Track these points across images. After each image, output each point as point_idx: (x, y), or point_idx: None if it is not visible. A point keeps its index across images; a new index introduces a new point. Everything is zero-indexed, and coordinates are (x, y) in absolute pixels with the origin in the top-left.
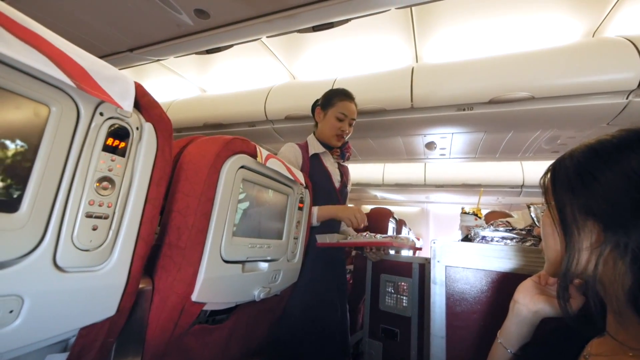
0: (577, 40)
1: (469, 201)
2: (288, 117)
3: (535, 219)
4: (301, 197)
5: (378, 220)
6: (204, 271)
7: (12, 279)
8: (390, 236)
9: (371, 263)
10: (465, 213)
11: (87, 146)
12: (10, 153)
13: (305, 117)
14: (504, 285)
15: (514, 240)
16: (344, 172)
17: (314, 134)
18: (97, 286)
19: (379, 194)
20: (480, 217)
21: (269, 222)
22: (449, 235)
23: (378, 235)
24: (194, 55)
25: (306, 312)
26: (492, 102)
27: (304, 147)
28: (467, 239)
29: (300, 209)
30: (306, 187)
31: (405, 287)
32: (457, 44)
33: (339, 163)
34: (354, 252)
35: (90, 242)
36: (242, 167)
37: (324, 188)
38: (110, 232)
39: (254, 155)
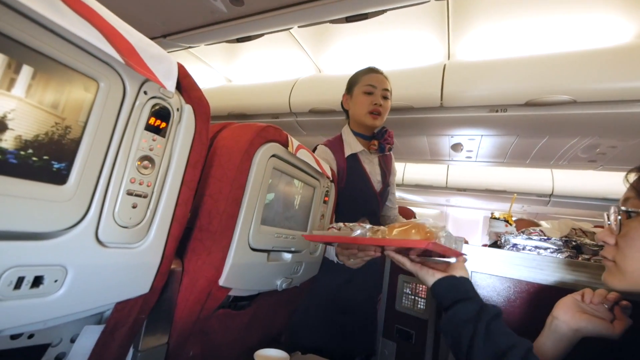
0: (626, 42)
1: (491, 207)
2: (312, 110)
3: (613, 224)
4: (327, 191)
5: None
6: (232, 257)
7: (58, 250)
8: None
9: (390, 262)
10: (495, 219)
11: (131, 124)
12: (61, 126)
13: (329, 111)
14: (534, 297)
15: (548, 251)
16: (386, 166)
17: (348, 125)
18: (134, 263)
19: (398, 194)
20: (511, 224)
21: (294, 213)
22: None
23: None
24: (221, 44)
25: (338, 302)
26: (529, 104)
27: (338, 148)
28: (495, 245)
29: (325, 202)
30: (332, 181)
31: (423, 289)
32: (493, 41)
33: (379, 157)
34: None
35: (130, 219)
36: (273, 155)
37: (363, 194)
38: (148, 211)
39: (285, 144)
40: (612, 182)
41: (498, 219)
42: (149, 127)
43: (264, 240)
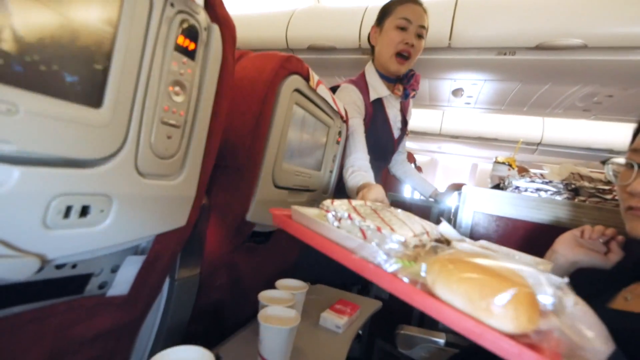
0: None
1: (481, 155)
2: (311, 47)
3: (612, 175)
4: (340, 131)
5: None
6: (258, 193)
7: (102, 179)
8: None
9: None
10: (499, 162)
11: (160, 42)
12: (90, 40)
13: (329, 48)
14: (533, 235)
15: (549, 193)
16: (405, 111)
17: (373, 63)
18: (172, 196)
19: None
20: (514, 168)
21: (311, 152)
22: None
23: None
24: None
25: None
26: (539, 47)
27: (364, 91)
28: (497, 187)
29: (337, 143)
30: (344, 121)
31: None
32: None
33: (401, 101)
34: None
35: (166, 150)
36: (295, 90)
37: (382, 141)
38: (182, 143)
39: (307, 78)
40: (597, 132)
41: (502, 163)
42: (178, 48)
43: (286, 177)
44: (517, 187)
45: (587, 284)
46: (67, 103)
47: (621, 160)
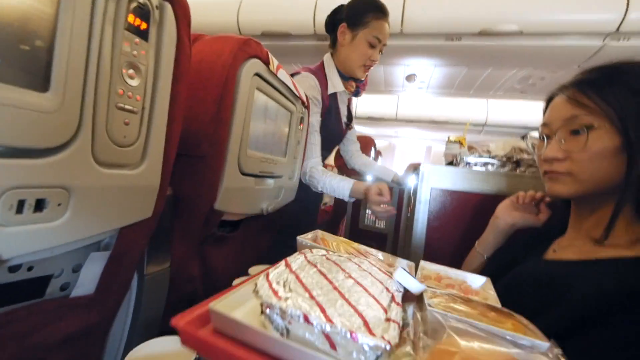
0: None
1: (435, 137)
2: (265, 33)
3: (531, 147)
4: (302, 117)
5: (361, 149)
6: (225, 180)
7: (56, 169)
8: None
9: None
10: (451, 142)
11: (108, 20)
12: (29, 18)
13: (284, 34)
14: (483, 205)
15: (495, 166)
16: (350, 108)
17: (332, 57)
18: (135, 186)
19: None
20: (464, 146)
21: (275, 138)
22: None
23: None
24: None
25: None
26: (482, 33)
27: (323, 82)
28: (451, 164)
29: (300, 128)
30: (306, 107)
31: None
32: None
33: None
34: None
35: (125, 137)
36: (256, 74)
37: (333, 133)
38: (142, 130)
39: (267, 62)
40: (533, 112)
41: (454, 142)
42: (129, 27)
43: (252, 164)
44: (467, 163)
45: (527, 241)
46: (8, 86)
47: (535, 134)
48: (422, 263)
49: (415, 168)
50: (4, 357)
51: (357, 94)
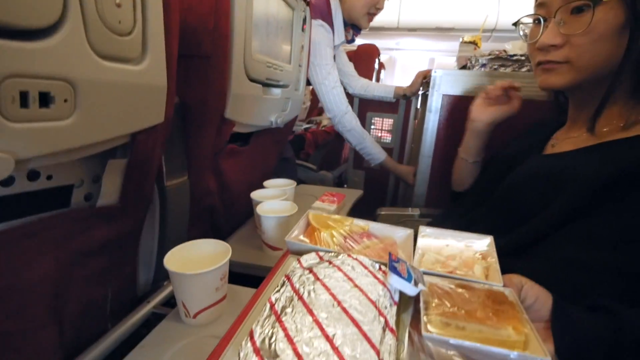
0: None
1: (439, 47)
2: None
3: (523, 35)
4: (304, 17)
5: (364, 59)
6: (233, 86)
7: (52, 56)
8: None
9: (358, 101)
10: (466, 42)
11: None
12: None
13: None
14: None
15: (512, 67)
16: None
17: (340, 5)
18: (141, 85)
19: None
20: (479, 47)
21: (278, 41)
22: None
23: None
24: None
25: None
26: None
27: (332, 32)
28: (464, 68)
29: (303, 30)
30: (307, 4)
31: (389, 124)
32: None
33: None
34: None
35: (119, 22)
36: None
37: None
38: (136, 15)
39: None
40: None
41: (468, 42)
42: None
43: (258, 69)
44: (483, 65)
45: (529, 141)
46: None
47: (529, 18)
48: (421, 231)
49: (424, 76)
50: (51, 259)
51: (352, 41)
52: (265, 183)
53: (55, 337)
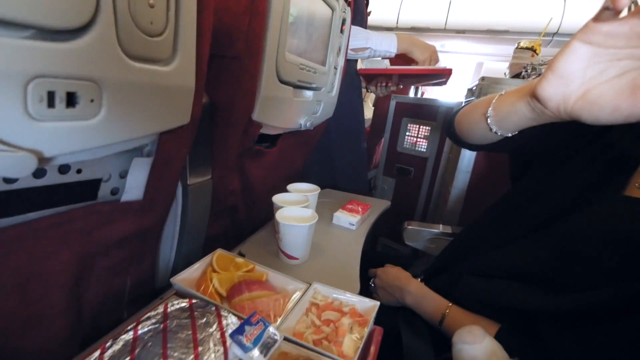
0: None
1: (487, 51)
2: None
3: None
4: (344, 18)
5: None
6: (262, 88)
7: (81, 57)
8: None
9: (394, 105)
10: (522, 48)
11: None
12: None
13: None
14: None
15: None
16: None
17: None
18: (169, 86)
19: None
20: (538, 54)
21: (313, 42)
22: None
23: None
24: None
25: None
26: None
27: None
28: (518, 77)
29: (342, 31)
30: (349, 4)
31: (426, 130)
32: None
33: None
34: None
35: (152, 23)
36: None
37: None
38: (169, 16)
39: None
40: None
41: (525, 48)
42: None
43: (290, 71)
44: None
45: (599, 150)
46: None
47: None
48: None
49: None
50: (74, 249)
51: None
52: (289, 187)
53: (74, 323)
